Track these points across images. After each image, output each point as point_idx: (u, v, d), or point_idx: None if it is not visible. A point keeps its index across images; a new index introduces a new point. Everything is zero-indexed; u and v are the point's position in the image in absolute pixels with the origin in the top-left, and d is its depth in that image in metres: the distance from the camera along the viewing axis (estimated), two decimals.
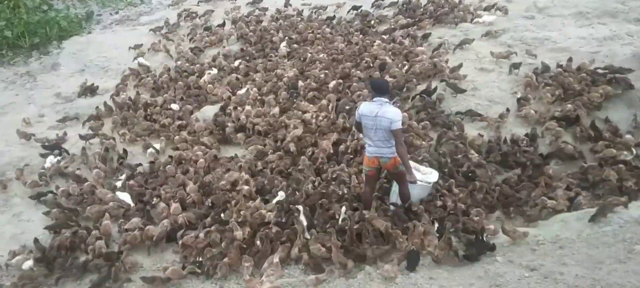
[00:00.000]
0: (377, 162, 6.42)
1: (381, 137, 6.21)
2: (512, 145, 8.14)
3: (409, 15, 12.91)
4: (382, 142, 6.25)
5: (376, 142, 6.29)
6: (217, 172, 8.05)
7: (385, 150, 6.29)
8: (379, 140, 6.24)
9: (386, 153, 6.31)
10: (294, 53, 11.57)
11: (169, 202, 7.38)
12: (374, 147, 6.33)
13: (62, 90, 11.36)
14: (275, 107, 9.34)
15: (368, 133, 6.33)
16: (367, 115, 6.24)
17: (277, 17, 13.89)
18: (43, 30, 14.37)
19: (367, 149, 6.48)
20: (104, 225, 6.98)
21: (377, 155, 6.35)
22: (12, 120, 10.09)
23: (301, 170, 7.86)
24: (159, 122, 9.57)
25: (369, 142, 6.40)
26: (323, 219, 6.78)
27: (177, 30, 13.88)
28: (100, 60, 12.67)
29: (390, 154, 6.32)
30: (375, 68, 10.32)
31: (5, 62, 13.22)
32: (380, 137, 6.21)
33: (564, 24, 11.51)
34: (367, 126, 6.28)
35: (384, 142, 6.25)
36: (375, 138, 6.26)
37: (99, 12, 16.70)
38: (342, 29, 12.62)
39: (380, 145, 6.28)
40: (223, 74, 11.07)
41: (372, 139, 6.32)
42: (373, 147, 6.35)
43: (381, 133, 6.18)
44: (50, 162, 8.55)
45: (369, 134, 6.31)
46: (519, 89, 9.40)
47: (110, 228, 7.01)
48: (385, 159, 6.35)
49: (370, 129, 6.25)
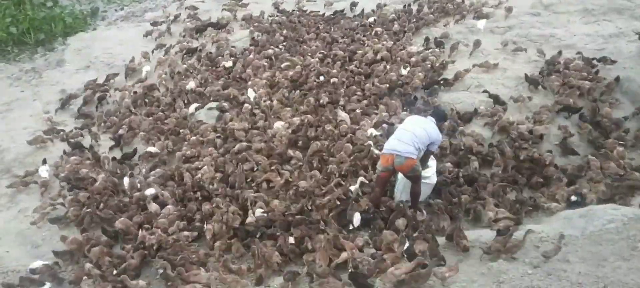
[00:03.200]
0: (391, 160, 6.44)
1: (400, 137, 6.44)
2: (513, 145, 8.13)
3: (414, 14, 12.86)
4: (400, 143, 6.41)
5: (398, 138, 6.46)
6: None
7: (402, 147, 6.37)
8: (397, 140, 6.45)
9: (403, 151, 6.36)
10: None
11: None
12: (393, 141, 6.50)
13: (67, 86, 11.36)
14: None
15: (395, 131, 6.65)
16: (408, 121, 6.80)
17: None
18: (48, 27, 14.40)
19: (385, 146, 6.60)
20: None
21: (393, 151, 6.40)
22: (18, 116, 10.17)
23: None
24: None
25: (389, 139, 6.58)
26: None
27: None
28: (105, 57, 12.65)
29: (407, 154, 6.36)
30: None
31: (10, 58, 13.27)
32: (399, 137, 6.47)
33: (570, 21, 11.47)
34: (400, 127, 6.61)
35: (401, 144, 6.40)
36: (399, 134, 6.50)
37: (104, 9, 16.70)
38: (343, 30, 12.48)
39: (396, 145, 6.42)
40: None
41: (396, 135, 6.50)
42: (392, 142, 6.51)
43: (412, 136, 6.41)
44: (46, 171, 8.37)
45: (396, 131, 6.62)
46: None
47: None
48: (402, 158, 6.38)
49: (402, 129, 6.53)
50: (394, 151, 6.41)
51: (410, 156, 6.38)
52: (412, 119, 6.89)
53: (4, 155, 8.99)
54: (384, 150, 6.60)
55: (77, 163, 8.47)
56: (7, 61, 13.07)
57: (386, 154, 6.52)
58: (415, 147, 6.41)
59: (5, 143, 9.32)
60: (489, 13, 12.07)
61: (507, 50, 10.51)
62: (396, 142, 6.46)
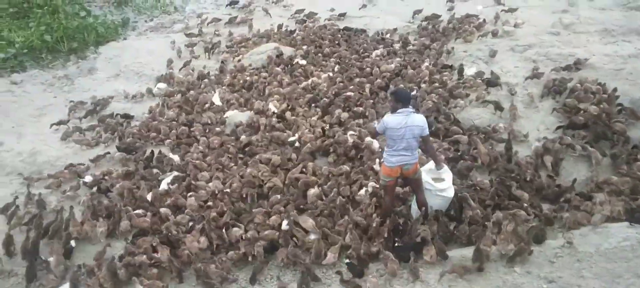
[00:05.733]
0: (399, 170, 6.56)
1: (408, 145, 6.38)
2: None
3: (431, 33, 13.26)
4: (407, 150, 6.41)
5: (401, 152, 6.41)
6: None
7: (408, 157, 6.47)
8: (404, 148, 6.39)
9: (410, 160, 6.50)
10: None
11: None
12: (398, 156, 6.45)
13: (98, 93, 11.64)
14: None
15: (393, 144, 6.44)
16: (393, 127, 6.35)
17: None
18: (81, 36, 14.75)
19: (388, 160, 6.55)
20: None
21: (401, 163, 6.49)
22: (50, 121, 10.38)
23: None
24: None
25: (391, 153, 6.49)
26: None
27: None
28: (135, 66, 13.00)
29: (413, 160, 6.52)
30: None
31: (44, 65, 13.52)
32: (406, 145, 6.37)
33: (589, 41, 11.60)
34: (392, 137, 6.40)
35: (408, 150, 6.43)
36: (401, 147, 6.39)
37: (135, 19, 17.16)
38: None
39: (404, 154, 6.43)
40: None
41: (396, 149, 6.42)
42: (396, 157, 6.46)
43: (408, 141, 6.36)
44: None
45: (394, 144, 6.42)
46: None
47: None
48: (409, 166, 6.53)
49: (397, 140, 6.37)
50: (401, 163, 6.50)
51: (416, 160, 6.58)
52: (394, 121, 6.40)
53: (36, 158, 9.20)
54: (389, 164, 6.57)
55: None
56: (41, 68, 13.32)
57: (394, 166, 6.54)
58: (414, 149, 6.53)
59: (38, 146, 9.54)
60: (509, 31, 12.28)
61: (526, 69, 10.64)
62: (402, 155, 6.47)
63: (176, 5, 18.36)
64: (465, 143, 8.69)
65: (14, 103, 11.45)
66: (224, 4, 17.53)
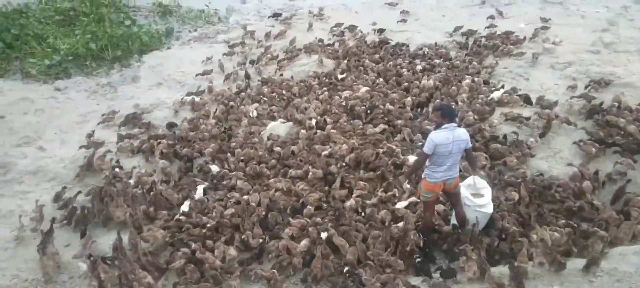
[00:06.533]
0: (442, 185, 6.61)
1: (454, 160, 6.46)
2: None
3: (472, 49, 13.32)
4: (453, 165, 6.50)
5: (449, 167, 6.45)
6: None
7: (453, 171, 6.56)
8: (452, 164, 6.46)
9: (454, 174, 6.58)
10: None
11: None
12: (443, 172, 6.45)
13: (140, 101, 11.78)
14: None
15: (440, 160, 6.39)
16: (442, 143, 6.28)
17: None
18: (125, 44, 15.09)
19: (431, 176, 6.53)
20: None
21: (445, 178, 6.53)
22: (92, 128, 10.54)
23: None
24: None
25: (435, 169, 6.48)
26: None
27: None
28: (177, 75, 13.22)
29: (456, 174, 6.61)
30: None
31: (88, 72, 13.83)
32: (453, 160, 6.44)
33: (629, 60, 11.50)
34: (442, 154, 6.33)
35: (454, 165, 6.52)
36: (449, 162, 6.41)
37: (179, 29, 17.48)
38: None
39: (451, 169, 6.50)
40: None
41: (444, 164, 6.40)
42: (441, 172, 6.46)
43: (455, 156, 6.42)
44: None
45: (442, 160, 6.39)
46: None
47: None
48: (451, 180, 6.60)
49: (445, 156, 6.34)
50: (446, 177, 6.54)
51: (458, 174, 6.67)
52: (442, 137, 6.35)
53: (77, 164, 9.25)
54: (431, 180, 6.57)
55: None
56: (85, 75, 13.64)
57: (438, 182, 6.56)
58: (457, 164, 6.62)
59: (81, 151, 9.60)
60: (549, 48, 12.22)
61: (565, 86, 10.60)
62: (447, 171, 6.49)
63: (220, 16, 18.66)
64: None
65: (57, 109, 11.69)
66: (267, 16, 17.77)
